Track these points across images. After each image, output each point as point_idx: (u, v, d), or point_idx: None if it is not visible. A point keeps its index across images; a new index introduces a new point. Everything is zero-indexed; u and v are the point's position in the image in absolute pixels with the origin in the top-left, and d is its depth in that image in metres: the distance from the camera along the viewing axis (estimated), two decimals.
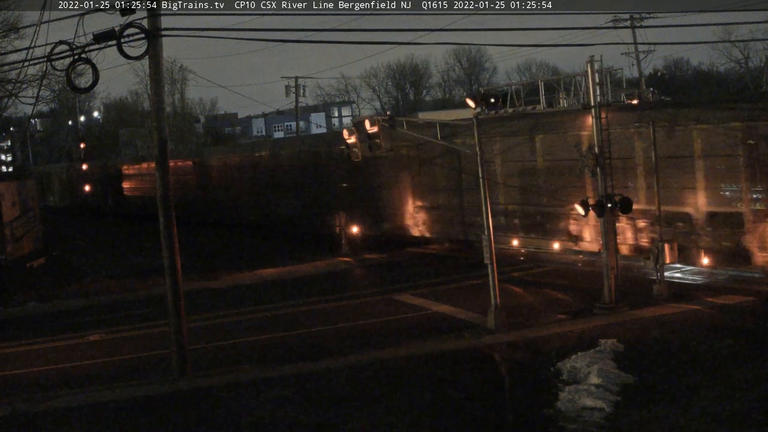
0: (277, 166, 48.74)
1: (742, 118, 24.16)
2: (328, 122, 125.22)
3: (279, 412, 17.18)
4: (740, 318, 21.72)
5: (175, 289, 20.09)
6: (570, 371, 17.91)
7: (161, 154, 20.06)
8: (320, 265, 36.34)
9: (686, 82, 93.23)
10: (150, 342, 24.20)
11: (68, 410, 18.29)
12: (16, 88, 35.85)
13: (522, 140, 31.71)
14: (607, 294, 23.64)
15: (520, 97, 28.29)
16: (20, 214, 40.24)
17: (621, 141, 26.48)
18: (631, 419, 15.33)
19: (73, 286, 34.75)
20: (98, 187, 76.97)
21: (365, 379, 19.06)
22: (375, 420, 16.30)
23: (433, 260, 35.68)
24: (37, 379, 21.30)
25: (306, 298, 29.64)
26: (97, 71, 18.97)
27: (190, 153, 67.64)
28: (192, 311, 24.22)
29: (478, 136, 23.43)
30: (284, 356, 21.69)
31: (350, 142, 25.17)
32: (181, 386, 19.43)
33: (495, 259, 22.93)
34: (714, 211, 24.90)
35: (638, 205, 25.45)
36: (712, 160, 24.86)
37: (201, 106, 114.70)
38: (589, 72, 24.07)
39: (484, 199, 23.23)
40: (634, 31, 61.25)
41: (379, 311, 26.46)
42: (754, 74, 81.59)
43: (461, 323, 23.71)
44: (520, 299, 26.32)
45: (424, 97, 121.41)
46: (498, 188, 31.30)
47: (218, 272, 35.83)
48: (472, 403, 16.95)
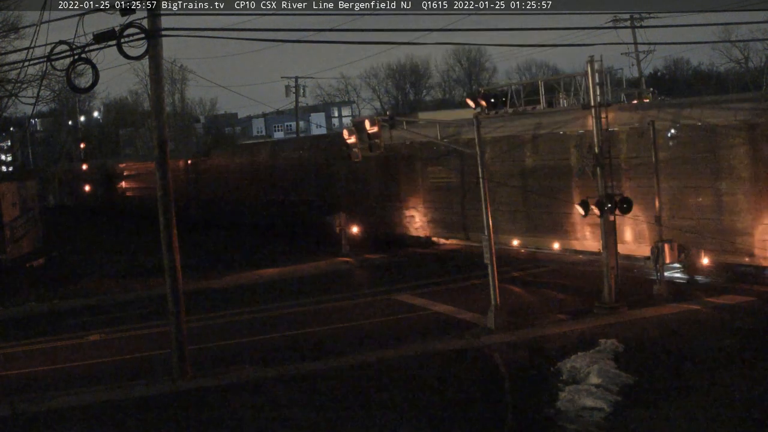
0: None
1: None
2: (328, 122, 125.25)
3: (279, 412, 17.19)
4: (740, 318, 21.71)
5: (175, 289, 20.08)
6: (570, 371, 17.90)
7: (161, 154, 20.05)
8: (320, 265, 36.33)
9: (686, 82, 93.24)
10: (150, 342, 24.19)
11: (68, 410, 18.28)
12: (16, 88, 35.81)
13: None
14: (607, 294, 23.64)
15: (520, 97, 28.28)
16: (20, 214, 40.24)
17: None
18: (631, 419, 15.34)
19: (73, 286, 34.71)
20: (98, 187, 77.01)
21: (365, 379, 19.05)
22: (375, 420, 16.30)
23: (433, 260, 35.68)
24: (37, 379, 21.29)
25: (306, 298, 29.63)
26: (97, 71, 18.97)
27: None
28: (192, 311, 24.21)
29: (478, 136, 23.45)
30: (284, 356, 21.68)
31: (350, 142, 25.17)
32: (181, 386, 19.41)
33: (495, 259, 22.94)
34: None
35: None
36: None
37: (201, 106, 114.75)
38: (589, 72, 24.08)
39: (485, 199, 23.24)
40: (634, 31, 61.28)
41: (380, 311, 26.45)
42: (754, 74, 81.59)
43: (461, 323, 23.71)
44: (520, 299, 26.32)
45: (424, 97, 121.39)
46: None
47: (218, 272, 35.84)
48: (472, 403, 16.96)
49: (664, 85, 77.96)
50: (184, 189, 55.12)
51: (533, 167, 31.43)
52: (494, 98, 24.01)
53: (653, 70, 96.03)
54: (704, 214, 25.29)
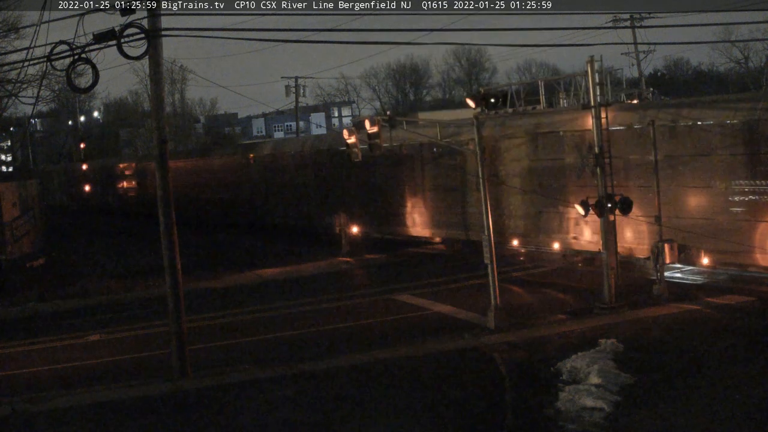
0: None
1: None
2: (328, 122, 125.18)
3: (279, 412, 17.19)
4: (740, 318, 21.72)
5: (175, 289, 20.08)
6: (570, 371, 17.90)
7: (161, 154, 20.06)
8: (320, 265, 36.33)
9: (686, 82, 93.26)
10: (150, 342, 24.19)
11: (68, 410, 18.28)
12: (16, 88, 35.83)
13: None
14: (607, 294, 23.64)
15: (520, 97, 28.31)
16: (20, 214, 40.18)
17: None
18: (631, 419, 15.33)
19: (73, 286, 34.71)
20: (98, 187, 76.98)
21: (365, 379, 19.05)
22: (375, 420, 16.30)
23: (434, 260, 35.68)
24: (37, 379, 21.29)
25: (306, 298, 29.62)
26: (97, 71, 18.97)
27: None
28: (192, 311, 24.22)
29: (478, 137, 23.45)
30: (284, 356, 21.68)
31: (350, 142, 25.18)
32: (181, 386, 19.41)
33: (495, 259, 22.93)
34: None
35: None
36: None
37: (201, 106, 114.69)
38: (589, 72, 24.07)
39: (485, 199, 23.24)
40: (634, 31, 61.22)
41: (380, 311, 26.46)
42: (754, 74, 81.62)
43: (461, 323, 23.71)
44: (520, 299, 26.32)
45: (424, 97, 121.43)
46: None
47: (218, 272, 35.83)
48: (472, 403, 16.96)
49: (664, 85, 77.91)
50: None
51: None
52: (494, 98, 23.98)
53: (653, 70, 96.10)
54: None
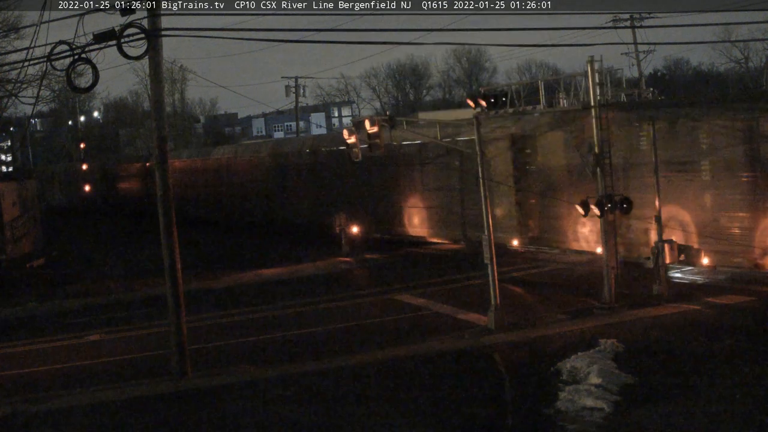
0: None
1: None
2: (328, 122, 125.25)
3: (279, 412, 17.18)
4: (740, 318, 21.71)
5: (175, 289, 20.07)
6: (570, 371, 17.90)
7: (161, 153, 20.05)
8: (320, 265, 36.32)
9: (686, 82, 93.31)
10: (150, 342, 24.18)
11: (68, 410, 18.29)
12: (16, 88, 35.81)
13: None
14: (607, 294, 23.64)
15: (520, 97, 28.27)
16: (20, 214, 40.21)
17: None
18: (631, 419, 15.33)
19: (73, 286, 34.73)
20: (98, 187, 76.95)
21: (365, 379, 19.05)
22: (375, 420, 16.30)
23: (433, 260, 35.67)
24: (37, 379, 21.30)
25: (306, 298, 29.62)
26: (97, 71, 18.97)
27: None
28: (192, 311, 24.19)
29: (478, 137, 23.44)
30: (284, 356, 21.69)
31: (350, 142, 25.14)
32: (181, 386, 19.41)
33: (495, 259, 22.93)
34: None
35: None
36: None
37: (201, 106, 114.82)
38: (589, 72, 24.08)
39: (484, 199, 23.24)
40: (634, 31, 61.25)
41: (379, 311, 26.45)
42: (754, 74, 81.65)
43: (461, 323, 23.71)
44: (520, 299, 26.32)
45: (424, 97, 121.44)
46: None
47: (218, 272, 35.83)
48: (472, 403, 16.96)
49: (664, 85, 77.95)
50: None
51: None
52: (494, 98, 23.97)
53: (653, 70, 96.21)
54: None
